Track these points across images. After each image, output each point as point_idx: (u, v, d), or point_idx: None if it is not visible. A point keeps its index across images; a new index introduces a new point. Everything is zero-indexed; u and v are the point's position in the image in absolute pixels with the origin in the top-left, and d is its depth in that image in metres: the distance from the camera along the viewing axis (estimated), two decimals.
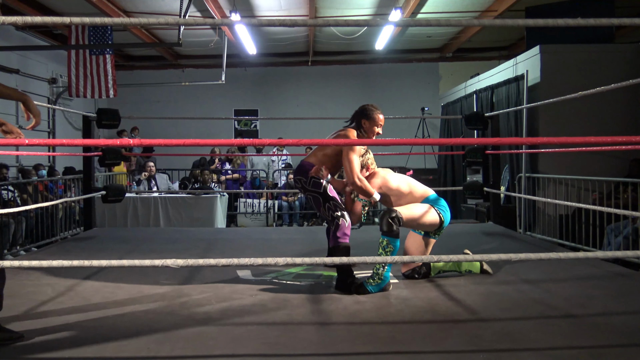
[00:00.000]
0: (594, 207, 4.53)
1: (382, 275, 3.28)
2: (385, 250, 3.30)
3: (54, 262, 2.25)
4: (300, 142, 2.76)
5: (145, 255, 4.52)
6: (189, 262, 2.14)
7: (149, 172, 8.70)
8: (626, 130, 6.54)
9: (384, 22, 6.87)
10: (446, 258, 2.35)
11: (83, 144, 2.34)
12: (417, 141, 2.77)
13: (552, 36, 7.63)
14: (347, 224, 3.36)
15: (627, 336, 2.52)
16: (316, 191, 3.40)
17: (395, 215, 3.29)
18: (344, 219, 3.35)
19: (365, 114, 3.50)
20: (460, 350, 2.37)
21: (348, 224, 3.37)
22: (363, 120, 3.50)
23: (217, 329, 2.64)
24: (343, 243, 3.34)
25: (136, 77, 12.48)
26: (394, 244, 3.29)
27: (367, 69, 12.72)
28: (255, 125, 13.14)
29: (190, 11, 7.56)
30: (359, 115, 3.53)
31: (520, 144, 6.56)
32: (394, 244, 3.29)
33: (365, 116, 3.50)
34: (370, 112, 3.50)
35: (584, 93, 3.98)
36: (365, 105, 3.55)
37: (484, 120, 5.91)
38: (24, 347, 2.40)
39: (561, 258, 2.32)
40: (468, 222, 7.66)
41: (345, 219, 3.35)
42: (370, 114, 3.49)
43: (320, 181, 3.39)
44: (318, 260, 2.30)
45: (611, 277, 3.66)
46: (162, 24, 2.24)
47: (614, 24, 2.19)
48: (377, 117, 3.49)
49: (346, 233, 3.36)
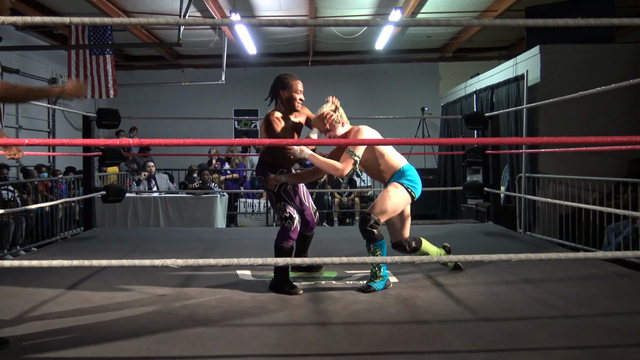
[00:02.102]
0: (594, 207, 4.53)
1: (381, 274, 3.32)
2: (375, 255, 3.30)
3: (54, 262, 2.25)
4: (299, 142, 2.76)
5: (145, 255, 4.52)
6: (189, 262, 2.15)
7: (149, 172, 8.70)
8: (626, 130, 6.53)
9: (384, 22, 6.88)
10: (446, 258, 2.35)
11: (83, 144, 2.34)
12: (417, 141, 2.77)
13: (552, 36, 7.62)
14: (294, 227, 3.35)
15: (627, 336, 2.52)
16: (270, 190, 3.39)
17: (373, 222, 3.27)
18: (291, 222, 3.34)
19: (280, 84, 3.37)
20: (460, 350, 2.37)
21: (294, 228, 3.35)
22: (281, 91, 3.38)
23: (217, 330, 2.64)
24: (286, 245, 3.35)
25: (136, 77, 12.49)
26: (381, 247, 3.31)
27: (367, 69, 12.72)
28: (255, 125, 13.14)
29: (190, 11, 7.57)
30: (274, 87, 3.41)
31: (520, 144, 6.56)
32: (380, 247, 3.30)
33: (281, 86, 3.37)
34: (284, 79, 3.37)
35: (584, 93, 3.98)
36: (279, 75, 3.42)
37: (484, 120, 5.91)
38: (24, 347, 2.40)
39: (561, 258, 2.32)
40: (468, 222, 7.66)
41: (292, 223, 3.34)
42: (285, 82, 3.36)
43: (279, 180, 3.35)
44: (318, 261, 2.30)
45: (611, 277, 3.66)
46: (162, 24, 2.24)
47: (614, 24, 2.19)
48: (293, 84, 3.36)
49: (291, 236, 3.35)
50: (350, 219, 9.57)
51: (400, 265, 3.88)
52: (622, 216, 5.13)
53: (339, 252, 4.44)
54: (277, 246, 3.37)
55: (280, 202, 3.38)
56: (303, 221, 3.57)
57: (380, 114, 6.60)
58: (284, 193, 3.40)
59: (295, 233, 3.37)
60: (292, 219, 3.35)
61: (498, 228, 5.84)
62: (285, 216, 3.35)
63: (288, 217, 3.35)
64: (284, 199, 3.38)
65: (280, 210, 3.38)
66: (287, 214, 3.35)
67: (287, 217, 3.35)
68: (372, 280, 3.34)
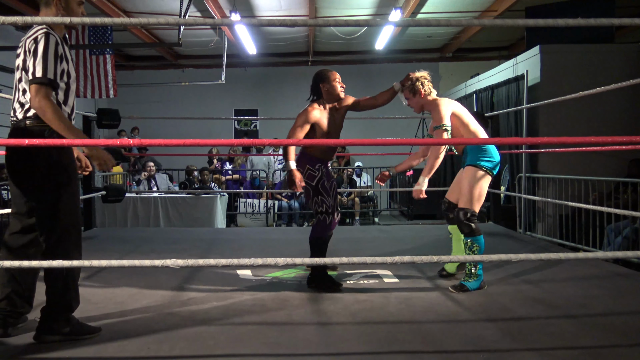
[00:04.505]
0: (594, 207, 4.53)
1: (476, 274, 3.28)
2: (471, 250, 3.27)
3: (54, 262, 2.25)
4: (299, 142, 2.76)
5: (145, 255, 4.52)
6: (189, 262, 2.14)
7: (149, 172, 8.70)
8: (626, 130, 6.53)
9: (384, 22, 6.87)
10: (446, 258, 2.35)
11: (83, 144, 2.34)
12: (417, 141, 2.77)
13: (552, 36, 7.62)
14: (329, 222, 3.40)
15: (627, 336, 2.52)
16: (309, 183, 3.42)
17: (470, 215, 3.25)
18: (327, 216, 3.39)
19: (320, 78, 3.46)
20: (460, 350, 2.37)
21: (330, 223, 3.40)
22: (320, 84, 3.46)
23: (217, 329, 2.64)
24: (320, 239, 3.40)
25: (136, 77, 12.48)
26: (478, 242, 3.28)
27: (367, 69, 12.71)
28: (255, 125, 13.14)
29: (190, 11, 7.57)
30: (314, 84, 3.49)
31: (520, 144, 6.56)
32: (478, 242, 3.28)
33: (320, 80, 3.45)
34: (323, 73, 3.47)
35: (584, 93, 3.98)
36: (316, 72, 3.52)
37: (484, 120, 5.91)
38: (25, 347, 2.40)
39: (561, 258, 2.32)
40: None
41: (327, 217, 3.39)
42: (323, 75, 3.46)
43: (315, 174, 3.41)
44: (318, 261, 2.31)
45: (611, 277, 3.66)
46: (162, 24, 2.24)
47: (614, 24, 2.19)
48: (331, 75, 3.45)
49: (326, 230, 3.41)
50: (350, 219, 9.57)
51: (400, 265, 3.88)
52: (622, 216, 5.13)
53: (339, 252, 4.44)
54: (313, 240, 3.41)
55: (318, 196, 3.42)
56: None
57: (381, 114, 6.59)
58: (321, 188, 3.44)
59: (330, 227, 3.43)
60: (327, 213, 3.40)
61: (498, 228, 5.84)
62: (321, 210, 3.41)
63: (324, 211, 3.40)
64: (322, 194, 3.43)
65: (316, 204, 3.42)
66: (323, 208, 3.41)
67: (323, 211, 3.40)
68: (467, 279, 3.29)
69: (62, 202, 2.42)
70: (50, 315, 2.44)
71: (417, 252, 4.41)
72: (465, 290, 3.26)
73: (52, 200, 2.41)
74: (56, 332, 2.44)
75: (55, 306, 2.45)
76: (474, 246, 3.27)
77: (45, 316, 2.45)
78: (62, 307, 2.46)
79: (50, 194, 2.41)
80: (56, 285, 2.44)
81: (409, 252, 4.49)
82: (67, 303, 2.47)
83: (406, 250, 4.72)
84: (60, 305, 2.45)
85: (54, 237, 2.42)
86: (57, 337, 2.44)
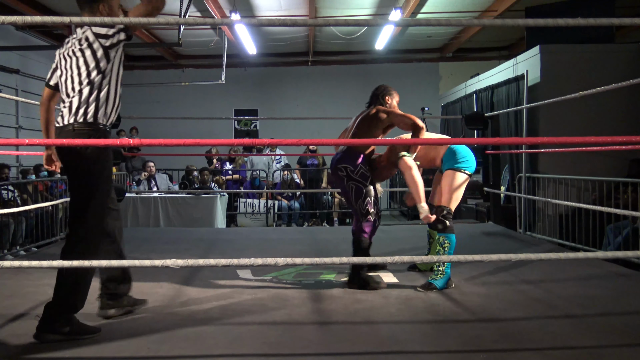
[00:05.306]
0: (594, 207, 4.53)
1: (444, 271, 3.34)
2: (442, 247, 3.36)
3: (54, 262, 2.25)
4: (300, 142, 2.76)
5: (145, 255, 4.51)
6: (189, 263, 2.15)
7: (149, 172, 8.69)
8: (626, 130, 6.53)
9: (384, 22, 6.87)
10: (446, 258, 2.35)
11: (83, 144, 2.34)
12: (417, 141, 2.77)
13: (552, 36, 7.62)
14: (377, 225, 3.54)
15: (627, 336, 2.52)
16: (362, 182, 3.48)
17: (446, 212, 3.36)
18: (376, 219, 3.51)
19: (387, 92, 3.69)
20: (460, 350, 2.37)
21: (377, 225, 3.54)
22: (387, 97, 3.67)
23: (217, 329, 2.65)
24: (366, 239, 3.50)
25: (136, 77, 12.47)
26: (450, 239, 3.37)
27: (367, 69, 12.71)
28: (255, 125, 13.14)
29: (190, 11, 7.56)
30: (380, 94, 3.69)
31: (520, 144, 6.56)
32: (450, 239, 3.37)
33: (387, 93, 3.68)
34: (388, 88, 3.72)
35: (584, 93, 3.98)
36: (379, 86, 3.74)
37: (484, 120, 5.92)
38: (25, 347, 2.40)
39: (561, 258, 2.33)
40: (468, 222, 7.66)
41: (376, 219, 3.52)
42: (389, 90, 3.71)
43: (367, 175, 3.49)
44: (318, 261, 2.30)
45: (611, 277, 3.66)
46: (162, 24, 2.24)
47: (614, 24, 2.19)
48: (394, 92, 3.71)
49: (372, 231, 3.52)
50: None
51: (400, 265, 3.88)
52: (622, 216, 5.12)
53: (339, 252, 4.44)
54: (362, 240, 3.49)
55: (370, 197, 3.50)
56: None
57: None
58: (373, 189, 3.53)
59: (375, 230, 3.53)
60: (377, 215, 3.54)
61: (498, 228, 5.84)
62: (372, 212, 3.49)
63: (375, 213, 3.51)
64: (375, 196, 3.53)
65: (368, 205, 3.49)
66: (375, 209, 3.51)
67: (374, 212, 3.50)
68: (434, 277, 3.34)
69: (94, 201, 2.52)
70: (53, 313, 2.45)
71: (417, 252, 4.41)
72: (433, 288, 3.30)
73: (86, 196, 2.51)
74: (56, 331, 2.44)
75: (60, 304, 2.46)
76: (446, 242, 3.37)
77: (48, 314, 2.45)
78: (66, 306, 2.47)
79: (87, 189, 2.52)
80: (66, 282, 2.46)
81: (409, 252, 4.49)
82: (73, 303, 2.49)
83: (406, 250, 4.72)
84: (65, 304, 2.47)
85: (78, 235, 2.50)
86: (57, 336, 2.44)
